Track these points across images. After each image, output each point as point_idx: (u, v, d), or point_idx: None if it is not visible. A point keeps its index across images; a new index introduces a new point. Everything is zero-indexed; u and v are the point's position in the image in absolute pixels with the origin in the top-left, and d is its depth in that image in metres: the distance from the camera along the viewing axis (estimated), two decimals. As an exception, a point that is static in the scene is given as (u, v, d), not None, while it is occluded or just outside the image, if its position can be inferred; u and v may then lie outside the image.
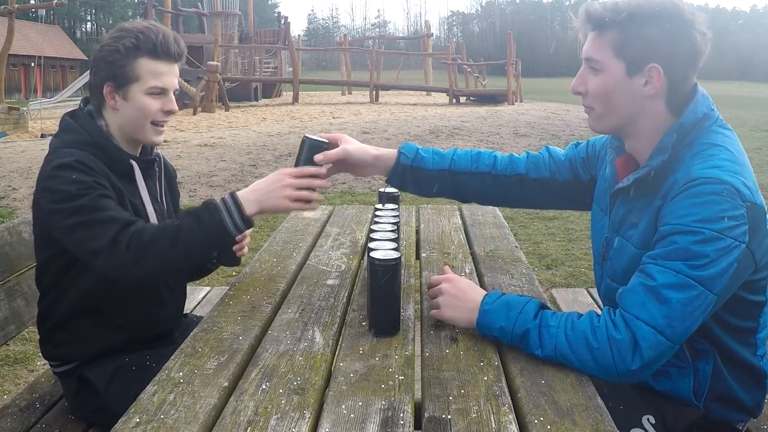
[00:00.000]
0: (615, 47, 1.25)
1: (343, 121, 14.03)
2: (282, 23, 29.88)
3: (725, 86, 50.61)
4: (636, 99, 1.27)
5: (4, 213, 5.83)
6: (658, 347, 1.12)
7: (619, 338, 1.12)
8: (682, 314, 1.12)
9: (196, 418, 0.96)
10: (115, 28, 1.56)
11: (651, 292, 1.14)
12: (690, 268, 1.12)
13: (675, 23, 1.22)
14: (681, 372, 1.32)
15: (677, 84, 1.26)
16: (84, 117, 1.55)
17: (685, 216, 1.15)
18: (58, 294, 1.55)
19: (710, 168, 1.18)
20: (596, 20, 1.26)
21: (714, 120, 1.27)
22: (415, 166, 1.58)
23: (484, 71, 28.56)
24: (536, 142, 11.14)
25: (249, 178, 7.33)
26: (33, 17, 38.71)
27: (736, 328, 1.29)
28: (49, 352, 1.61)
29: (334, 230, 2.12)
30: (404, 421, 0.96)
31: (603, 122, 1.33)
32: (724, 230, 1.13)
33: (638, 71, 1.24)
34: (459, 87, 24.75)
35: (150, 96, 1.53)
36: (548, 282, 4.07)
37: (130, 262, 1.34)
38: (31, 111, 16.82)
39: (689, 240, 1.13)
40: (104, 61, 1.51)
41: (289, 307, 1.43)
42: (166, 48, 1.52)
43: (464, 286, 1.32)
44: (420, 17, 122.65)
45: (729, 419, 1.34)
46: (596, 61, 1.27)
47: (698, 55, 1.25)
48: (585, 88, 1.31)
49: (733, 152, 1.22)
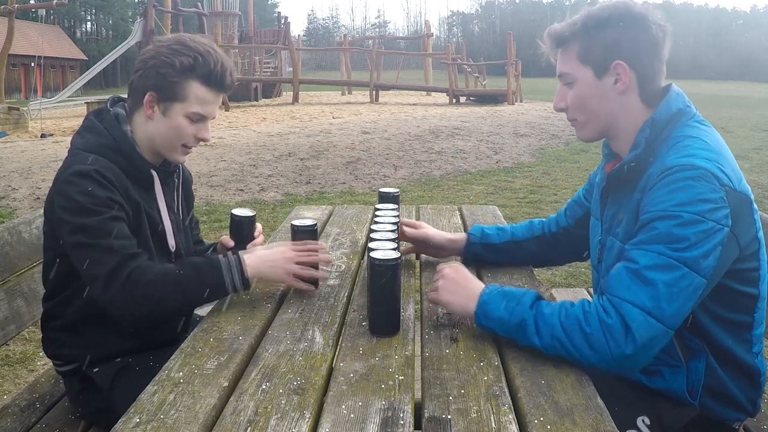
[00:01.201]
0: (579, 56, 1.33)
1: (343, 121, 14.02)
2: (282, 23, 29.85)
3: (725, 86, 50.63)
4: (610, 98, 1.33)
5: (4, 213, 5.83)
6: (649, 329, 1.13)
7: (610, 322, 1.14)
8: (669, 295, 1.13)
9: (196, 418, 0.96)
10: (175, 38, 1.51)
11: (635, 275, 1.16)
12: (672, 250, 1.14)
13: (628, 20, 1.29)
14: (674, 371, 1.33)
15: (646, 75, 1.32)
16: (110, 119, 1.53)
17: (663, 202, 1.17)
18: (68, 297, 1.54)
19: (684, 156, 1.21)
20: (557, 38, 1.36)
21: (690, 116, 1.31)
22: (484, 243, 1.73)
23: (484, 71, 28.53)
24: (536, 142, 11.14)
25: (249, 178, 7.34)
26: (33, 17, 38.67)
27: (730, 321, 1.30)
28: (53, 352, 1.60)
29: (334, 230, 2.12)
30: (404, 421, 0.96)
31: (588, 129, 1.39)
32: (704, 213, 1.15)
33: (605, 72, 1.32)
34: (459, 87, 24.71)
35: (189, 119, 1.51)
36: (548, 282, 4.07)
37: (125, 298, 1.35)
38: (31, 111, 16.82)
39: (669, 224, 1.15)
40: (155, 70, 1.47)
41: (289, 307, 1.43)
42: (221, 79, 1.51)
43: (466, 275, 1.36)
44: (420, 17, 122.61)
45: (725, 418, 1.34)
46: (567, 74, 1.36)
47: (658, 44, 1.31)
48: (565, 104, 1.39)
49: (707, 142, 1.25)
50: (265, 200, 6.57)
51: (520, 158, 9.55)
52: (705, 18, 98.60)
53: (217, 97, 1.54)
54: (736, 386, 1.32)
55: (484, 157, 9.49)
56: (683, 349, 1.31)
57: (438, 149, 9.84)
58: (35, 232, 1.84)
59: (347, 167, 8.29)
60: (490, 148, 10.21)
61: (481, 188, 7.35)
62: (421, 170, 8.32)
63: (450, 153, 9.59)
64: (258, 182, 7.22)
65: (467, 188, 7.36)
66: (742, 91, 34.79)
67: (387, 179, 7.74)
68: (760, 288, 1.30)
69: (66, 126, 14.93)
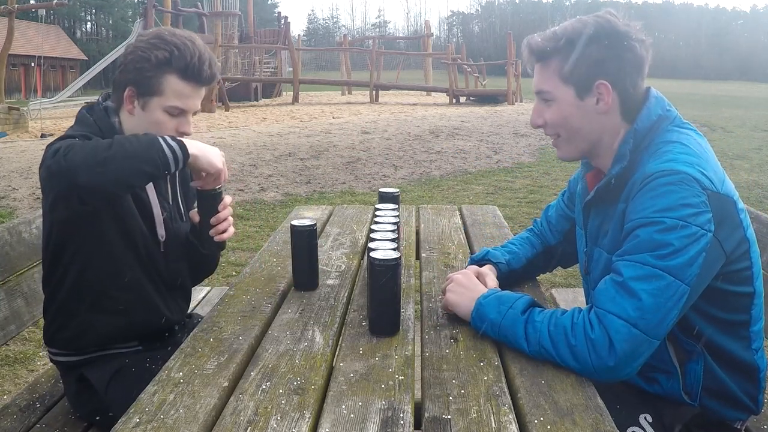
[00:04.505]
0: (561, 74, 1.29)
1: (343, 121, 14.02)
2: (282, 23, 29.84)
3: (725, 86, 50.61)
4: (592, 118, 1.30)
5: (4, 213, 5.83)
6: (633, 340, 1.12)
7: (594, 337, 1.13)
8: (654, 305, 1.12)
9: (196, 418, 0.96)
10: (155, 32, 1.52)
11: (620, 287, 1.15)
12: (656, 258, 1.13)
13: (612, 39, 1.25)
14: (669, 377, 1.33)
15: (628, 94, 1.29)
16: (99, 112, 1.56)
17: (645, 209, 1.17)
18: (60, 277, 1.55)
19: (664, 162, 1.20)
20: (538, 52, 1.31)
21: (671, 120, 1.30)
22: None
23: (484, 71, 28.53)
24: (536, 142, 11.13)
25: (249, 178, 7.34)
26: (33, 17, 38.65)
27: (726, 322, 1.30)
28: (51, 336, 1.61)
29: (334, 230, 2.12)
30: (404, 421, 0.96)
31: (571, 147, 1.36)
32: (686, 217, 1.14)
33: (587, 92, 1.28)
34: (459, 87, 24.71)
35: (167, 113, 1.51)
36: (548, 282, 4.06)
37: (60, 153, 1.30)
38: (31, 111, 16.80)
39: (651, 230, 1.15)
40: (133, 65, 1.49)
41: (289, 307, 1.43)
42: (198, 71, 1.50)
43: (473, 279, 1.38)
44: (420, 17, 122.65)
45: (726, 417, 1.34)
46: (546, 92, 1.32)
47: (642, 62, 1.28)
48: (543, 120, 1.35)
49: (688, 146, 1.24)
50: (265, 200, 6.57)
51: (520, 158, 9.55)
52: (705, 18, 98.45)
53: (196, 90, 1.53)
54: (736, 384, 1.32)
55: (484, 157, 9.49)
56: (678, 353, 1.31)
57: (438, 149, 9.84)
58: (35, 232, 1.84)
59: (347, 167, 8.29)
60: (490, 148, 10.21)
61: (481, 188, 7.35)
62: (421, 170, 8.32)
63: (450, 153, 9.59)
64: (258, 182, 7.22)
65: (467, 188, 7.36)
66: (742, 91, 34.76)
67: (387, 179, 7.73)
68: (755, 285, 1.29)
69: (66, 126, 14.80)
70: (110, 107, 1.57)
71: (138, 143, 1.34)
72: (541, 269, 1.71)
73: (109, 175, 1.30)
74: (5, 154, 8.95)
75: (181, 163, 1.38)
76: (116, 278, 1.54)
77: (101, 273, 1.53)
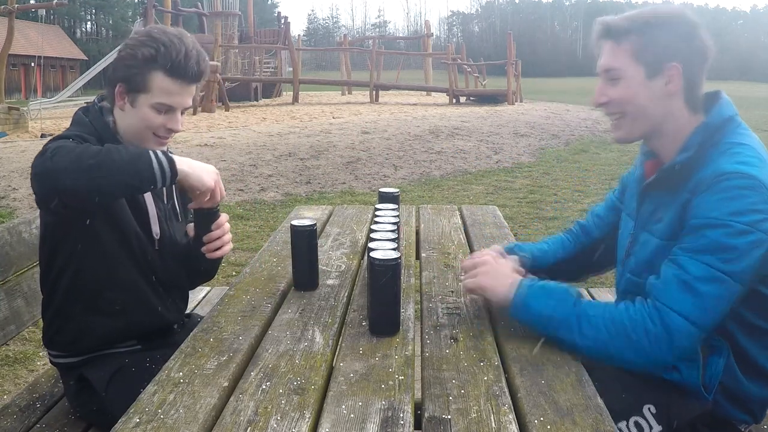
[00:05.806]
0: (634, 53, 1.31)
1: (343, 121, 14.01)
2: (282, 23, 29.83)
3: (725, 86, 50.26)
4: (657, 100, 1.32)
5: (4, 213, 5.83)
6: (691, 337, 1.18)
7: (655, 330, 1.17)
8: (714, 306, 1.18)
9: (196, 418, 0.96)
10: (145, 30, 1.53)
11: (684, 285, 1.19)
12: (722, 261, 1.17)
13: (685, 26, 1.30)
14: (691, 366, 1.33)
15: (694, 81, 1.32)
16: (95, 112, 1.57)
17: (715, 210, 1.19)
18: (56, 277, 1.56)
19: (738, 164, 1.23)
20: (614, 30, 1.33)
21: (738, 124, 1.34)
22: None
23: (484, 71, 28.50)
24: (536, 142, 11.14)
25: (249, 178, 7.34)
26: (33, 17, 38.64)
27: (757, 328, 1.30)
28: (50, 339, 1.61)
29: (334, 230, 2.12)
30: (404, 421, 0.96)
31: (633, 127, 1.36)
32: (755, 223, 1.17)
33: (657, 73, 1.31)
34: (459, 87, 24.69)
35: (155, 110, 1.52)
36: (548, 282, 4.06)
37: (48, 155, 1.30)
38: (31, 111, 16.80)
39: (720, 233, 1.18)
40: (122, 63, 1.51)
41: (289, 307, 1.43)
42: (184, 68, 1.49)
43: (505, 263, 1.43)
44: (420, 17, 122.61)
45: (733, 418, 1.34)
46: (616, 70, 1.33)
47: (708, 52, 1.32)
48: (607, 98, 1.36)
49: (758, 150, 1.28)
50: (265, 200, 6.57)
51: (520, 158, 9.55)
52: (705, 18, 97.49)
53: (184, 87, 1.52)
54: (752, 390, 1.32)
55: (484, 157, 9.49)
56: (704, 346, 1.31)
57: (438, 149, 9.84)
58: (35, 232, 1.84)
59: (347, 167, 8.28)
60: (490, 148, 10.21)
61: (481, 188, 7.35)
62: (421, 170, 8.32)
63: (450, 153, 9.59)
64: (258, 182, 7.22)
65: (467, 188, 7.36)
66: (742, 91, 34.71)
67: (387, 179, 7.74)
68: None
69: (66, 126, 14.80)
70: (105, 107, 1.59)
71: (127, 155, 1.34)
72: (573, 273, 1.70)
73: (92, 182, 1.29)
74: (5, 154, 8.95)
75: (168, 180, 1.38)
76: (111, 278, 1.54)
77: (96, 273, 1.53)
